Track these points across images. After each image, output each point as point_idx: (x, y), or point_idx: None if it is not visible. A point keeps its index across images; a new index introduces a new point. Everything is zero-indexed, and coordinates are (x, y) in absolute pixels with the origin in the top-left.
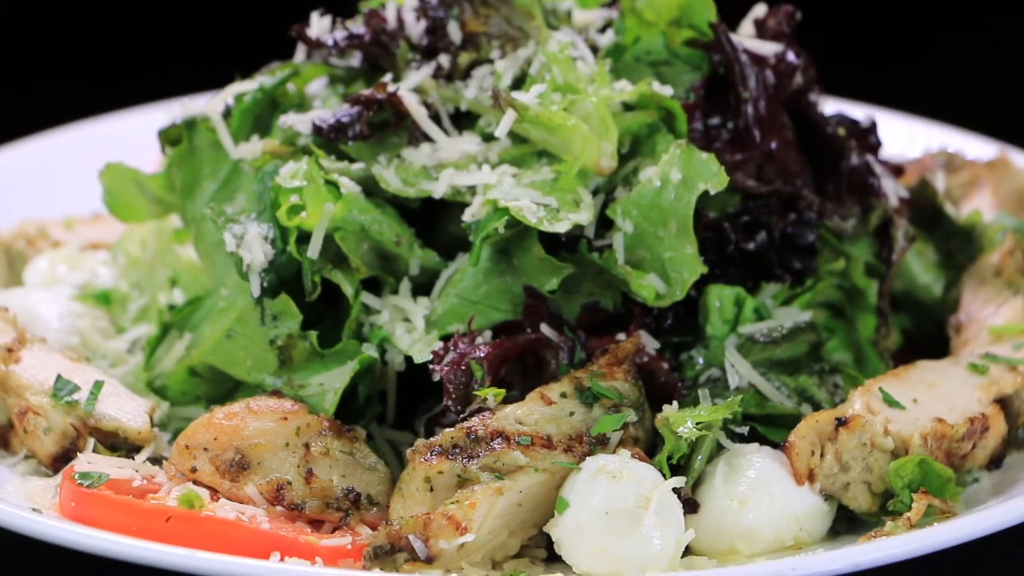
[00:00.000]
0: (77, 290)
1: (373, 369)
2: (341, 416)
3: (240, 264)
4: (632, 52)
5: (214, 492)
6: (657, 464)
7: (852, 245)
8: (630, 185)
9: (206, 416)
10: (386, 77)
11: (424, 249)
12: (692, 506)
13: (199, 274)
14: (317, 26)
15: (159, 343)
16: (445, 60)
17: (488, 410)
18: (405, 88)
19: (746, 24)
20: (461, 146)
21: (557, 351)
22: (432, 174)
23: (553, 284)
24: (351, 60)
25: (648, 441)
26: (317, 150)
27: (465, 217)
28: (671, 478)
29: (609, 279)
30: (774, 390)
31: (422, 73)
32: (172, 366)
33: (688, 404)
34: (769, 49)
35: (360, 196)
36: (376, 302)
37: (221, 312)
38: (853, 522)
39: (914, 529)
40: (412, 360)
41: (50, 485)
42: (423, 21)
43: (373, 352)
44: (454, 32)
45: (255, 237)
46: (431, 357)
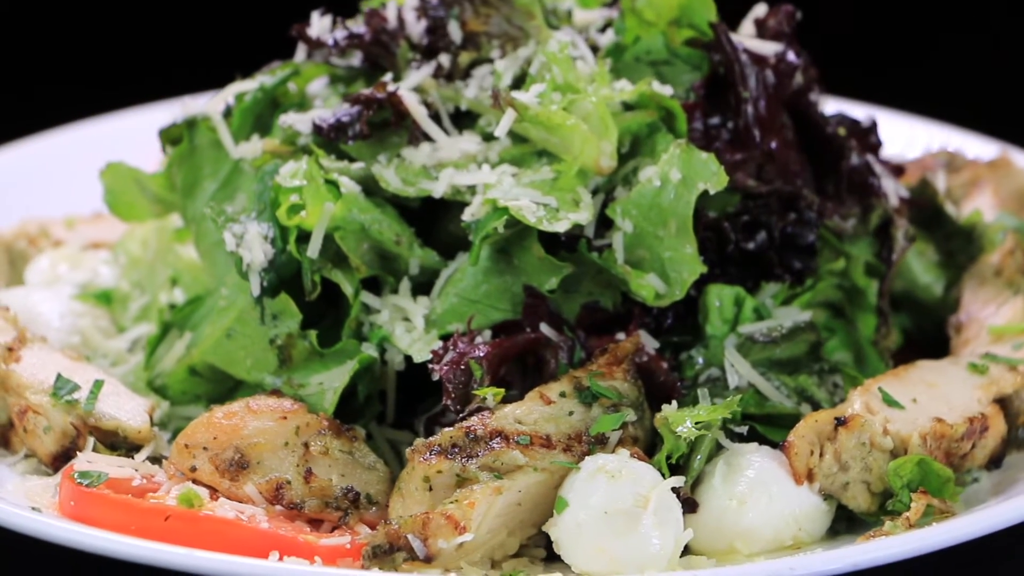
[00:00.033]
0: (78, 289)
1: (373, 368)
2: (341, 415)
3: (240, 263)
4: (632, 52)
5: (213, 491)
6: (656, 464)
7: (852, 245)
8: (630, 185)
9: (205, 415)
10: (386, 76)
11: (424, 248)
12: (691, 505)
13: (200, 273)
14: (318, 26)
15: (159, 342)
16: (445, 59)
17: (487, 409)
18: (405, 87)
19: (746, 24)
20: (461, 146)
21: (556, 350)
22: (432, 173)
23: (553, 284)
24: (352, 60)
25: (647, 441)
26: (317, 149)
27: (465, 216)
28: (670, 478)
29: (609, 279)
30: (773, 390)
31: (422, 72)
32: (172, 365)
33: (687, 404)
34: (769, 49)
35: (360, 195)
36: (376, 301)
37: (221, 311)
38: (852, 522)
39: (913, 529)
40: (412, 359)
41: (50, 484)
42: (423, 20)
43: (373, 351)
44: (454, 32)
45: (255, 236)
46: (430, 356)
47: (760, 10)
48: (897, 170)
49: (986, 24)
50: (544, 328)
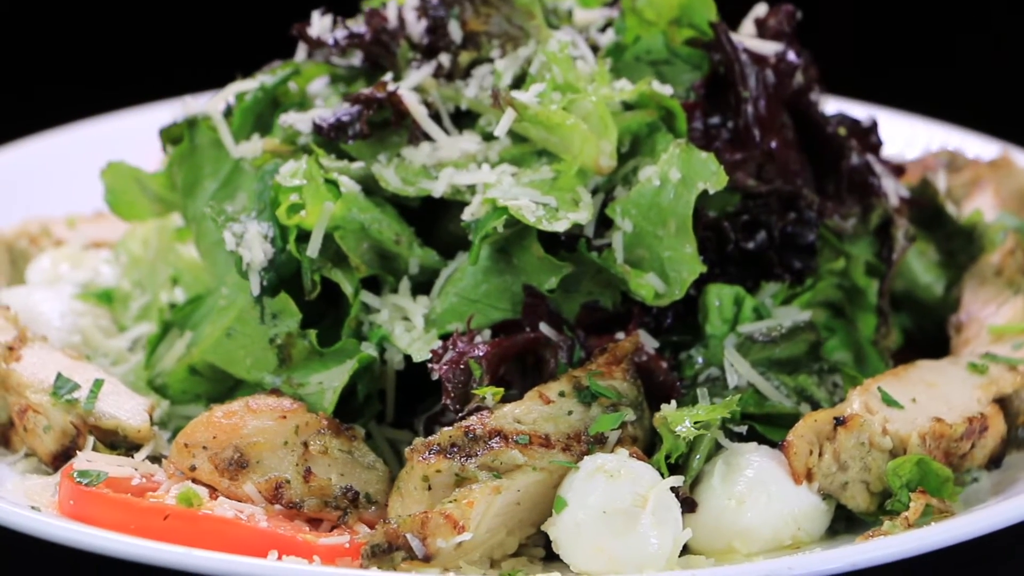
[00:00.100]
0: (79, 288)
1: (372, 368)
2: (340, 415)
3: (240, 263)
4: (632, 51)
5: (213, 490)
6: (655, 463)
7: (852, 244)
8: (629, 184)
9: (205, 414)
10: (387, 76)
11: (423, 248)
12: (690, 505)
13: (200, 273)
14: (318, 25)
15: (160, 341)
16: (445, 59)
17: (486, 409)
18: (405, 87)
19: (747, 23)
20: (461, 145)
21: (556, 350)
22: (432, 173)
23: (552, 283)
24: (352, 59)
25: (646, 440)
26: (317, 149)
27: (464, 216)
28: (669, 477)
29: (608, 278)
30: (773, 389)
31: (422, 72)
32: (172, 364)
33: (687, 403)
34: (769, 48)
35: (360, 195)
36: (375, 301)
37: (221, 311)
38: (851, 521)
39: (912, 529)
40: (411, 359)
41: (49, 483)
42: (424, 20)
43: (372, 351)
44: (455, 31)
45: (255, 236)
46: (430, 356)
47: (760, 10)
48: (897, 170)
49: (987, 23)
50: (543, 328)
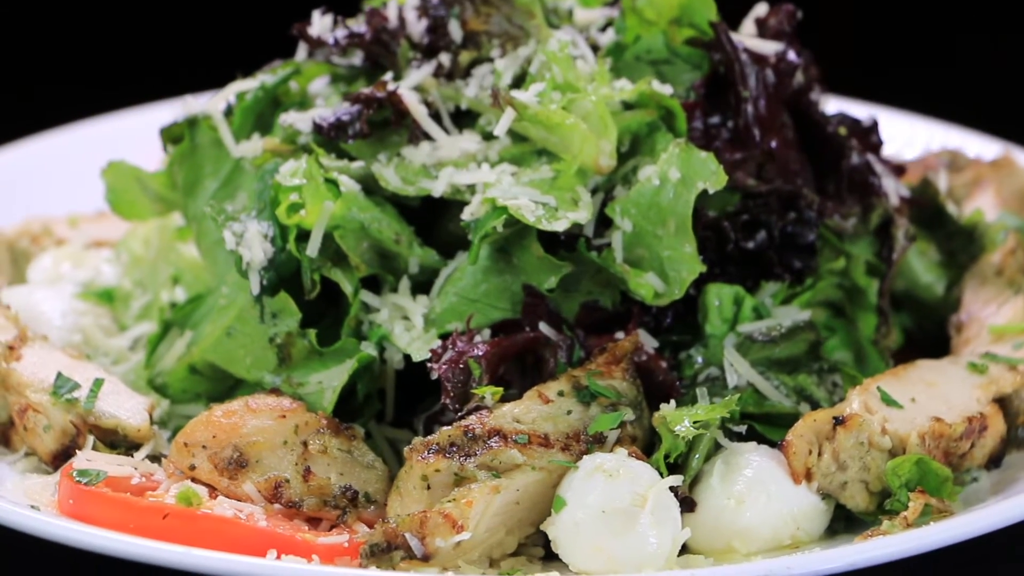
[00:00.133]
0: (80, 288)
1: (372, 367)
2: (340, 414)
3: (240, 262)
4: (632, 51)
5: (212, 490)
6: (654, 463)
7: (852, 244)
8: (629, 184)
9: (205, 414)
10: (387, 75)
11: (423, 247)
12: (689, 505)
13: (201, 272)
14: (318, 24)
15: (160, 341)
16: (446, 59)
17: (486, 408)
18: (405, 87)
19: (747, 23)
20: (461, 145)
21: (556, 350)
22: (432, 172)
23: (552, 283)
24: (352, 59)
25: (646, 440)
26: (317, 148)
27: (464, 216)
28: (668, 477)
29: (608, 278)
30: (773, 389)
31: (423, 72)
32: (173, 364)
33: (686, 403)
34: (770, 48)
35: (360, 194)
36: (375, 300)
37: (221, 310)
38: (850, 521)
39: (911, 528)
40: (411, 358)
41: (49, 482)
42: (424, 20)
43: (372, 350)
44: (455, 31)
45: (255, 235)
46: (429, 355)
47: (761, 9)
48: (898, 169)
49: (988, 23)
50: (543, 327)
